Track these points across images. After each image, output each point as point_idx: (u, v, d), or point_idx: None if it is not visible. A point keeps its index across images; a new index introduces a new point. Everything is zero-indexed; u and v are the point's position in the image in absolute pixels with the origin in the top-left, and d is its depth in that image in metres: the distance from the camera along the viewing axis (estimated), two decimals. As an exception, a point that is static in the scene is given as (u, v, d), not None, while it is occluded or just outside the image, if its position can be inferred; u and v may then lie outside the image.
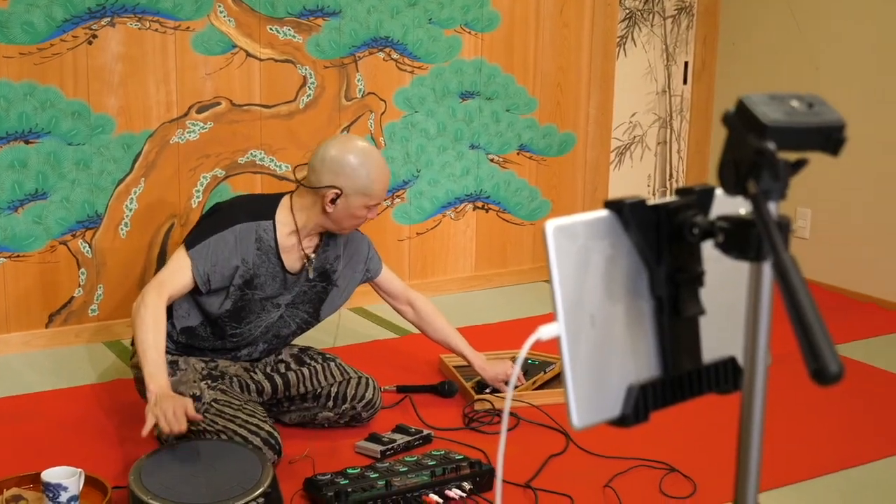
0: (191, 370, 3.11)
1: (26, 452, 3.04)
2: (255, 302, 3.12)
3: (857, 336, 4.26)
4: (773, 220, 1.18)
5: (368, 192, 3.06)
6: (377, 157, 3.10)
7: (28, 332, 3.95)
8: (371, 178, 3.06)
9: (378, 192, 3.08)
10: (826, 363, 1.06)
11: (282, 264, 3.12)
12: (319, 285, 3.23)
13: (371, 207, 3.11)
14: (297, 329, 3.28)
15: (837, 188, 4.86)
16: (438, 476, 2.76)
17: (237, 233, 3.06)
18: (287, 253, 3.13)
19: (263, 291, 3.12)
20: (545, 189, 5.04)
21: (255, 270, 3.09)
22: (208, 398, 2.98)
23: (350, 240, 3.28)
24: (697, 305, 1.36)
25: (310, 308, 3.26)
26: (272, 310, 3.17)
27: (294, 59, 4.28)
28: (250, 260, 3.08)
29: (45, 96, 3.82)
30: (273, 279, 3.12)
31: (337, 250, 3.25)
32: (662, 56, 5.29)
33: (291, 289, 3.17)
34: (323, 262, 3.21)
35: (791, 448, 3.15)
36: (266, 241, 3.09)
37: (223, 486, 2.57)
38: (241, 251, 3.05)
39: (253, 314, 3.14)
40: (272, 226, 3.10)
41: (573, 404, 1.27)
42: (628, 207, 1.32)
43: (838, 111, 1.25)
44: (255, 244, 3.08)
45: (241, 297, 3.10)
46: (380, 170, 3.09)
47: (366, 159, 3.07)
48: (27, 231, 3.88)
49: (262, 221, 3.10)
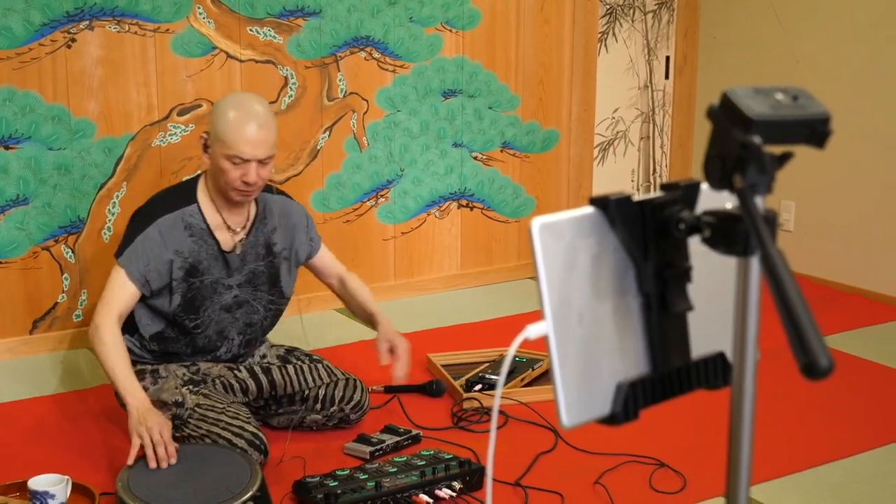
0: (172, 377, 3.08)
1: (12, 460, 3.02)
2: (205, 287, 3.07)
3: (843, 328, 4.27)
4: (760, 215, 1.17)
5: (223, 138, 2.90)
6: (247, 107, 2.93)
7: (12, 339, 3.92)
8: (228, 123, 2.90)
9: (233, 139, 2.89)
10: (816, 357, 1.06)
11: (218, 245, 3.07)
12: (267, 260, 3.17)
13: (233, 161, 2.91)
14: (267, 312, 3.21)
15: (821, 180, 4.87)
16: (428, 476, 2.75)
17: (160, 227, 3.00)
18: (219, 231, 3.07)
19: (211, 275, 3.07)
20: (529, 186, 5.04)
21: (195, 257, 3.04)
22: (191, 403, 2.96)
23: (285, 211, 3.21)
24: (685, 301, 1.36)
25: (268, 286, 3.19)
26: (224, 292, 3.11)
27: (275, 59, 4.27)
28: (185, 249, 3.02)
29: (25, 101, 3.79)
30: (215, 261, 3.07)
31: (273, 222, 3.18)
32: (644, 51, 5.29)
33: (240, 269, 3.11)
34: (259, 236, 3.14)
35: (779, 441, 3.16)
36: (196, 225, 3.04)
37: (212, 490, 2.56)
38: (171, 244, 3.00)
39: (207, 300, 3.08)
40: (197, 208, 3.05)
41: (562, 403, 1.26)
42: (614, 204, 1.31)
43: (823, 104, 1.25)
44: (185, 232, 3.02)
45: (188, 287, 3.05)
46: (242, 117, 2.91)
47: (233, 103, 2.95)
48: (9, 237, 3.86)
49: (185, 208, 3.04)
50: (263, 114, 2.94)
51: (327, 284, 3.43)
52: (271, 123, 2.95)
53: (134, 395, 2.82)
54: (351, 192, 4.56)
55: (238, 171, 2.92)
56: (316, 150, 4.43)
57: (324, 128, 4.44)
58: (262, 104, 2.98)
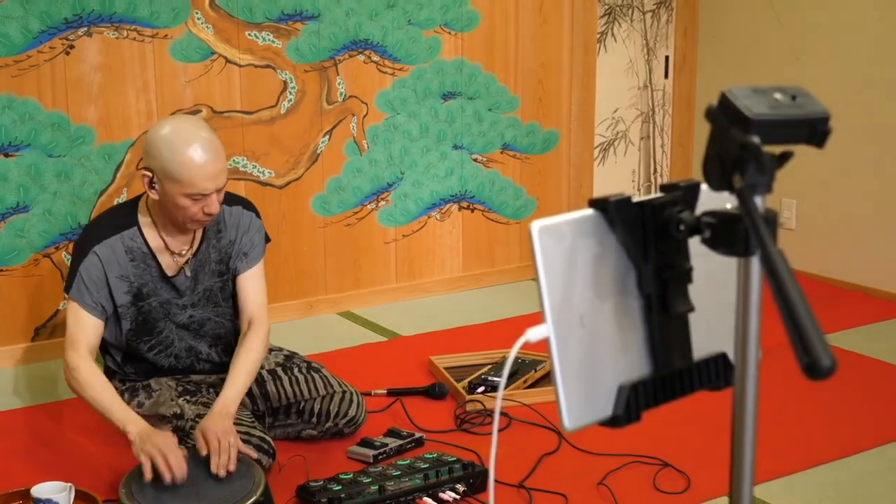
0: (165, 389, 3.03)
1: (15, 468, 3.02)
2: (154, 309, 2.97)
3: (845, 325, 4.27)
4: (759, 215, 1.17)
5: (178, 178, 2.71)
6: (190, 136, 2.72)
7: (14, 347, 3.92)
8: (181, 162, 2.70)
9: (190, 178, 2.71)
10: (818, 357, 1.05)
11: (161, 268, 2.95)
12: (225, 276, 3.05)
13: (193, 198, 2.74)
14: (234, 324, 3.11)
15: (822, 178, 4.86)
16: (432, 479, 2.75)
17: (99, 253, 2.87)
18: (161, 255, 2.94)
19: (158, 296, 2.97)
20: (530, 187, 5.03)
21: (140, 281, 2.93)
22: (191, 414, 2.90)
23: (242, 222, 3.04)
24: (686, 302, 1.36)
25: (230, 301, 3.08)
26: (178, 312, 3.01)
27: (274, 64, 4.27)
28: (130, 274, 2.91)
29: (24, 108, 3.79)
30: (162, 283, 2.96)
31: (229, 234, 3.02)
32: (643, 51, 5.29)
33: (192, 288, 3.00)
34: (210, 252, 3.00)
35: (782, 440, 3.15)
36: (137, 249, 2.91)
37: (215, 496, 2.56)
38: (113, 269, 2.89)
39: (160, 321, 2.99)
40: (137, 231, 2.91)
41: (564, 406, 1.26)
42: (613, 206, 1.31)
43: (822, 103, 1.24)
44: (126, 256, 2.90)
45: (137, 311, 2.95)
46: (193, 152, 2.70)
47: (176, 138, 2.72)
48: (10, 245, 3.86)
49: (125, 231, 2.90)
50: (212, 140, 2.76)
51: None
52: (221, 148, 2.78)
53: (133, 422, 2.73)
54: (352, 196, 4.56)
55: (199, 205, 2.77)
56: (316, 154, 4.43)
57: (323, 132, 4.43)
58: (204, 129, 2.80)
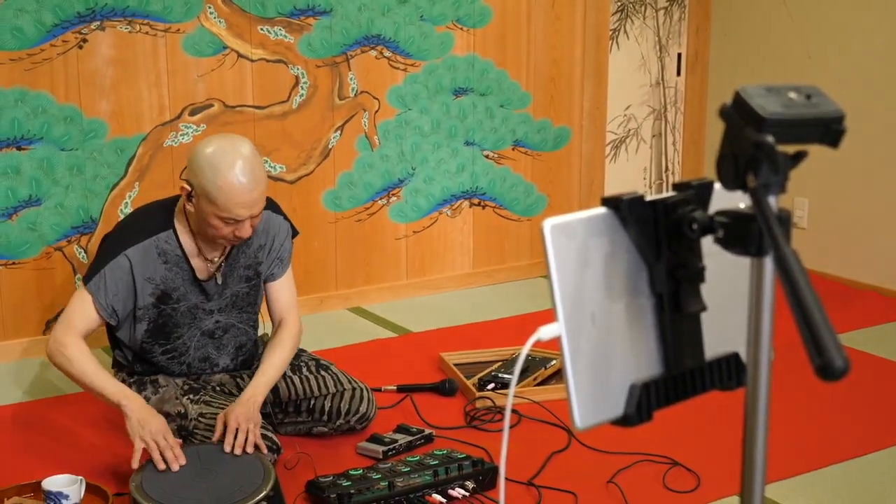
0: (171, 387, 3.03)
1: (26, 461, 3.02)
2: (180, 314, 2.96)
3: (858, 325, 4.25)
4: (773, 214, 1.16)
5: (213, 199, 2.70)
6: (235, 164, 2.68)
7: (25, 340, 3.93)
8: (217, 185, 2.68)
9: (224, 203, 2.69)
10: (831, 358, 1.05)
11: (193, 272, 2.94)
12: (253, 282, 3.05)
13: (226, 221, 2.73)
14: (253, 332, 3.14)
15: (834, 177, 4.85)
16: (441, 476, 2.75)
17: (130, 255, 2.86)
18: (195, 259, 2.94)
19: (187, 301, 2.96)
20: (541, 184, 5.03)
21: (168, 284, 2.91)
22: (194, 413, 2.91)
23: (272, 226, 3.03)
24: (699, 302, 1.35)
25: (253, 307, 3.09)
26: (204, 317, 3.01)
27: (286, 59, 4.27)
28: (158, 277, 2.90)
29: (37, 102, 3.80)
30: (192, 286, 2.95)
31: (259, 240, 3.01)
32: (655, 48, 5.28)
33: (220, 293, 3.00)
34: (239, 258, 2.99)
35: (795, 439, 3.14)
36: (171, 252, 2.90)
37: (225, 490, 2.56)
38: (141, 272, 2.88)
39: (181, 326, 2.98)
40: (173, 235, 2.90)
41: (575, 405, 1.25)
42: (626, 204, 1.31)
43: (836, 102, 1.23)
44: (159, 259, 2.89)
45: (158, 314, 2.94)
46: (231, 178, 2.67)
47: (220, 160, 2.69)
48: (22, 238, 3.87)
49: (160, 234, 2.89)
50: (254, 167, 2.72)
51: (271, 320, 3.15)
52: (262, 174, 2.75)
53: (127, 396, 2.76)
54: (363, 191, 4.56)
55: (230, 228, 2.76)
56: (327, 149, 4.43)
57: (335, 127, 4.43)
58: (248, 151, 2.74)
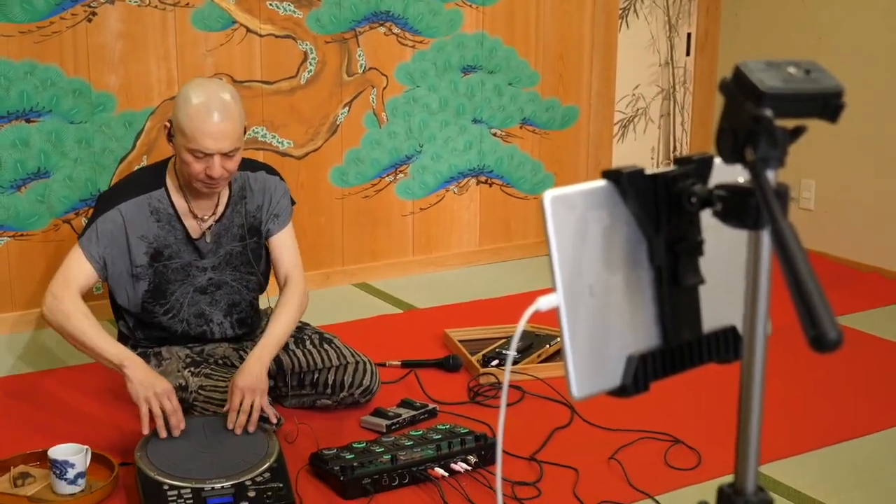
0: (174, 359, 3.05)
1: (33, 430, 3.05)
2: (172, 270, 2.99)
3: (861, 307, 4.26)
4: (770, 188, 1.17)
5: (183, 130, 2.75)
6: (210, 95, 2.75)
7: (33, 311, 3.95)
8: (189, 114, 2.74)
9: (194, 132, 2.73)
10: (825, 330, 1.06)
11: (186, 231, 2.98)
12: (251, 242, 3.08)
13: (195, 154, 2.76)
14: (250, 292, 3.14)
15: (842, 159, 4.84)
16: (444, 450, 2.77)
17: (123, 212, 2.90)
18: (187, 218, 2.97)
19: (181, 258, 2.99)
20: (548, 163, 5.03)
21: (161, 242, 2.95)
22: (194, 386, 2.93)
23: (268, 186, 3.07)
24: (697, 275, 1.36)
25: (247, 266, 3.10)
26: (197, 274, 3.03)
27: (294, 34, 4.27)
28: (151, 235, 2.94)
29: (46, 75, 3.82)
30: (185, 245, 2.99)
31: (257, 199, 3.06)
32: (665, 27, 5.27)
33: (213, 251, 3.02)
34: (234, 218, 3.02)
35: (797, 419, 3.16)
36: (163, 210, 2.94)
37: (229, 461, 2.58)
38: (135, 229, 2.91)
39: (175, 283, 3.01)
40: (164, 193, 2.94)
41: (573, 375, 1.27)
42: (626, 177, 1.32)
43: (836, 77, 1.24)
44: (152, 217, 2.93)
45: (154, 273, 2.98)
46: (204, 107, 2.73)
47: (196, 91, 2.77)
48: (30, 210, 3.89)
49: (152, 192, 2.93)
50: (228, 103, 2.77)
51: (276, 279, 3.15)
52: (236, 113, 2.79)
53: (129, 358, 2.76)
54: (370, 168, 4.57)
55: (201, 164, 2.78)
56: (335, 125, 4.44)
57: (343, 103, 4.44)
58: (227, 91, 2.81)
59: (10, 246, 3.88)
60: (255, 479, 2.51)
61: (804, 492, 2.71)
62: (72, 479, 2.60)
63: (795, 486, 2.73)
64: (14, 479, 2.67)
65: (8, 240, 3.87)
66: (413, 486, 2.69)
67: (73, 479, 2.60)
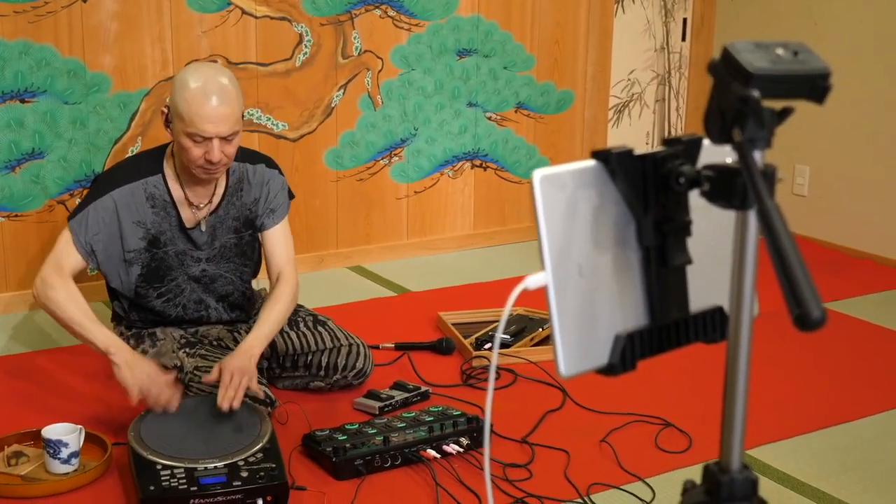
0: (169, 340, 3.06)
1: (26, 410, 3.06)
2: (171, 257, 2.99)
3: (854, 293, 4.27)
4: (757, 168, 1.18)
5: (182, 114, 2.74)
6: (208, 79, 2.75)
7: (27, 291, 3.94)
8: (187, 98, 2.73)
9: (192, 116, 2.72)
10: (809, 308, 1.07)
11: (180, 219, 2.97)
12: (246, 234, 3.07)
13: (194, 139, 2.75)
14: (243, 282, 3.15)
15: (836, 145, 4.85)
16: (436, 432, 2.78)
17: (116, 197, 2.89)
18: (182, 207, 2.96)
19: (175, 246, 2.99)
20: (543, 147, 5.04)
21: (158, 228, 2.95)
22: (189, 367, 2.93)
23: (266, 180, 3.06)
24: (685, 255, 1.37)
25: (241, 258, 3.10)
26: (192, 263, 3.03)
27: (290, 16, 4.27)
28: (147, 221, 2.93)
29: (41, 55, 3.81)
30: (181, 233, 2.98)
31: (254, 192, 3.05)
32: (661, 12, 5.26)
33: (209, 243, 3.02)
34: (230, 210, 3.02)
35: (787, 403, 3.17)
36: (159, 196, 2.93)
37: (222, 441, 2.60)
38: (129, 215, 2.91)
39: (174, 269, 3.01)
40: (161, 179, 2.93)
41: (560, 353, 1.28)
42: (615, 157, 1.32)
43: (823, 59, 1.25)
44: (147, 203, 2.92)
45: (151, 258, 2.98)
46: (202, 91, 2.72)
47: (193, 75, 2.76)
48: (25, 191, 3.89)
49: (149, 178, 2.92)
50: (226, 86, 2.77)
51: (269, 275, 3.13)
52: (235, 96, 2.78)
53: (115, 345, 2.77)
54: (365, 151, 4.57)
55: (200, 149, 2.77)
56: (330, 107, 4.44)
57: (338, 86, 4.44)
58: (225, 75, 2.81)
59: (4, 226, 3.89)
60: (248, 459, 2.52)
61: (794, 475, 2.73)
62: (65, 459, 2.61)
63: (785, 470, 2.75)
64: (7, 459, 2.68)
65: (2, 220, 3.88)
66: (405, 468, 2.71)
67: (66, 458, 2.61)
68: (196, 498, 2.40)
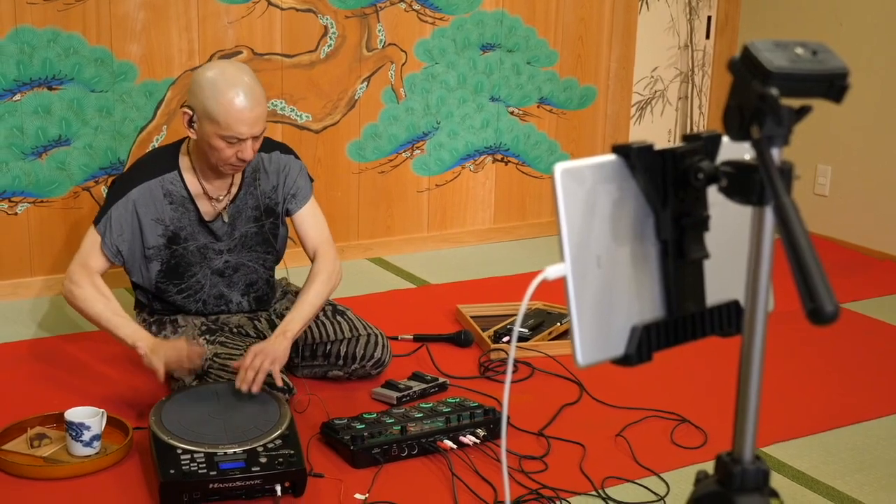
0: (190, 327, 3.10)
1: (50, 393, 3.10)
2: (191, 253, 3.03)
3: (874, 293, 4.27)
4: (774, 165, 1.20)
5: (216, 118, 2.78)
6: (236, 82, 2.78)
7: (51, 277, 4.00)
8: (220, 102, 2.76)
9: (226, 119, 2.76)
10: (822, 303, 1.09)
11: (199, 213, 3.01)
12: (268, 222, 3.10)
13: (228, 141, 2.80)
14: (267, 271, 3.18)
15: (858, 145, 4.84)
16: (453, 423, 2.80)
17: (135, 196, 2.95)
18: (200, 200, 3.01)
19: (196, 241, 3.03)
20: (565, 142, 5.05)
21: (177, 224, 2.99)
22: (210, 353, 2.96)
23: (283, 166, 3.09)
24: (702, 249, 1.39)
25: (264, 246, 3.13)
26: (214, 257, 3.07)
27: (315, 8, 4.29)
28: (167, 218, 2.98)
29: (69, 43, 3.85)
30: (200, 227, 3.03)
31: (272, 180, 3.08)
32: (685, 10, 5.27)
33: (229, 234, 3.06)
34: (248, 199, 3.06)
35: (804, 402, 3.18)
36: (176, 192, 2.98)
37: (241, 427, 2.62)
38: (148, 213, 2.96)
39: (194, 265, 3.06)
40: (178, 175, 2.99)
41: (578, 342, 1.30)
42: (635, 152, 1.34)
43: (842, 59, 1.26)
44: (165, 200, 2.97)
45: (171, 254, 3.02)
46: (233, 95, 2.76)
47: (220, 78, 2.79)
48: (50, 177, 3.93)
49: (166, 175, 2.97)
50: (254, 87, 2.81)
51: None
52: (262, 96, 2.84)
53: (141, 338, 2.85)
54: (387, 143, 4.60)
55: (233, 149, 2.83)
56: (353, 100, 4.47)
57: (362, 78, 4.47)
58: (248, 75, 2.84)
59: (29, 212, 3.93)
60: (267, 445, 2.55)
61: (808, 473, 2.74)
62: (87, 442, 2.64)
63: (800, 468, 2.76)
64: (31, 440, 2.72)
65: (28, 206, 3.92)
66: (422, 458, 2.73)
67: (88, 441, 2.64)
68: (215, 482, 2.43)
